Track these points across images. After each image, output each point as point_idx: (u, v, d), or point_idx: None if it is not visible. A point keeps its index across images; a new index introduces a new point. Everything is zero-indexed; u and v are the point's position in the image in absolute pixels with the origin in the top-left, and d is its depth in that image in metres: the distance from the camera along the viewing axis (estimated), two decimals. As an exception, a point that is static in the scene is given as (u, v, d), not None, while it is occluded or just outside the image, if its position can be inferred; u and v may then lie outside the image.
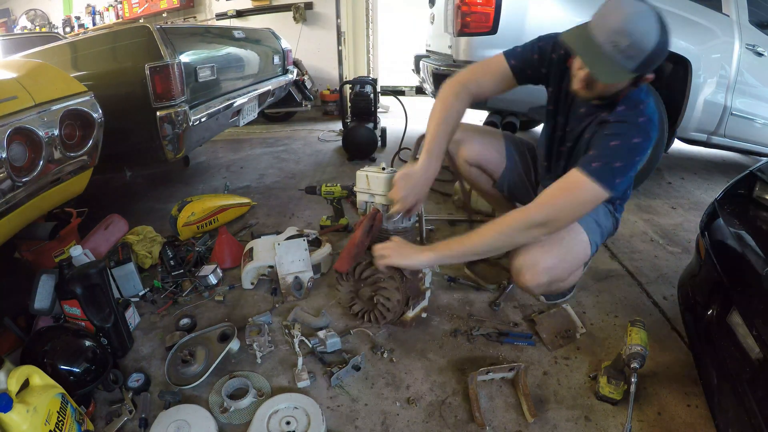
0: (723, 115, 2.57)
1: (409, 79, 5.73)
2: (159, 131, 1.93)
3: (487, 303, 1.57)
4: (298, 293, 1.60)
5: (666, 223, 2.25)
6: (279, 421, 1.07)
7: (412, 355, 1.33)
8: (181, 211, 2.03)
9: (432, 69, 2.59)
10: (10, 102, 1.27)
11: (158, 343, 1.40)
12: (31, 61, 1.61)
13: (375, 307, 1.35)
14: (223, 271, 1.76)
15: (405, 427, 1.10)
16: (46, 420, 0.90)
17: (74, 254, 1.43)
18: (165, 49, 1.86)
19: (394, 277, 1.30)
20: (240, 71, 2.72)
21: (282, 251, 1.61)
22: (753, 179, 1.30)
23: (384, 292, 1.32)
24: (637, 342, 1.10)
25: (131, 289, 1.62)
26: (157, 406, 1.15)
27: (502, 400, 1.17)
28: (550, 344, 1.36)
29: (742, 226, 1.18)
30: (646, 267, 1.82)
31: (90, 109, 1.58)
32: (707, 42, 2.40)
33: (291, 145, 3.93)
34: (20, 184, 1.27)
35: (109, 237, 1.84)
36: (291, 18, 4.98)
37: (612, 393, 1.13)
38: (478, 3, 2.21)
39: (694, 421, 1.10)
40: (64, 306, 1.26)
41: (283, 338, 1.41)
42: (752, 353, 0.95)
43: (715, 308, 1.15)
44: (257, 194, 2.68)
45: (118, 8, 5.64)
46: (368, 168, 1.38)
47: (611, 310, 1.53)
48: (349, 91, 3.83)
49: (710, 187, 2.86)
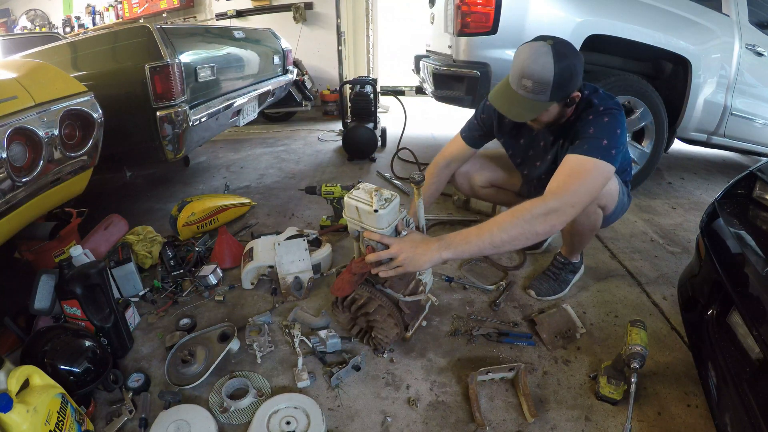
0: (723, 115, 2.58)
1: (409, 79, 5.74)
2: (159, 131, 1.93)
3: (487, 303, 1.58)
4: (298, 293, 1.60)
5: (666, 223, 2.25)
6: (279, 421, 1.07)
7: (412, 355, 1.33)
8: (181, 211, 2.03)
9: (432, 69, 2.59)
10: (10, 102, 1.27)
11: (158, 343, 1.40)
12: (31, 61, 1.61)
13: (374, 338, 1.31)
14: (223, 271, 1.76)
15: (405, 427, 1.10)
16: (46, 420, 0.90)
17: (74, 254, 1.43)
18: (165, 49, 1.86)
19: (392, 315, 1.23)
20: (240, 71, 2.72)
21: (282, 251, 1.61)
22: (753, 179, 1.30)
23: (382, 327, 1.26)
24: (637, 342, 1.10)
25: (131, 289, 1.62)
26: (157, 406, 1.15)
27: (502, 400, 1.17)
28: (550, 344, 1.36)
29: (742, 226, 1.18)
30: (646, 267, 1.82)
31: (90, 109, 1.58)
32: (707, 42, 2.40)
33: (291, 145, 3.93)
34: (20, 184, 1.27)
35: (109, 237, 1.84)
36: (291, 18, 4.98)
37: (612, 393, 1.13)
38: (478, 3, 2.21)
39: (694, 421, 1.10)
40: (64, 306, 1.26)
41: (283, 338, 1.41)
42: (752, 353, 0.95)
43: (715, 308, 1.15)
44: (257, 194, 2.68)
45: (118, 8, 5.64)
46: (358, 194, 1.16)
47: (611, 310, 1.53)
48: (349, 91, 3.83)
49: (710, 187, 2.86)
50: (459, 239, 1.12)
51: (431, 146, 3.78)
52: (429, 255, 1.10)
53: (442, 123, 4.69)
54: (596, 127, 1.19)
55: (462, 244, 1.11)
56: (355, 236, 1.24)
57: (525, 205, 1.12)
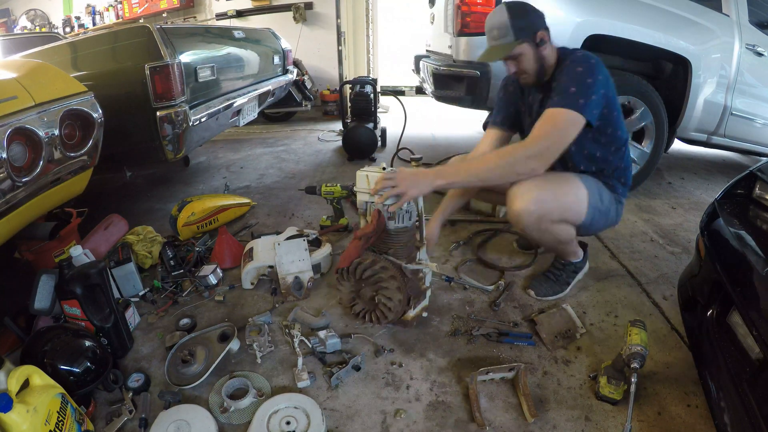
0: (723, 115, 2.57)
1: (409, 79, 5.74)
2: (159, 131, 1.93)
3: (487, 303, 1.58)
4: (298, 293, 1.60)
5: (666, 223, 2.25)
6: (279, 421, 1.07)
7: (412, 355, 1.33)
8: (181, 211, 2.03)
9: (432, 69, 2.59)
10: (10, 102, 1.27)
11: (158, 343, 1.40)
12: (31, 61, 1.61)
13: (376, 307, 1.34)
14: (223, 271, 1.76)
15: (405, 427, 1.10)
16: (46, 420, 0.90)
17: (74, 254, 1.43)
18: (165, 49, 1.86)
19: (395, 277, 1.29)
20: (240, 71, 2.72)
21: (282, 251, 1.61)
22: (753, 179, 1.30)
23: (385, 292, 1.31)
24: (637, 342, 1.10)
25: (131, 289, 1.62)
26: (157, 406, 1.15)
27: (502, 400, 1.17)
28: (550, 344, 1.36)
29: (742, 226, 1.18)
30: (646, 267, 1.82)
31: (90, 109, 1.58)
32: (707, 42, 2.40)
33: (291, 145, 3.93)
34: (20, 184, 1.27)
35: (109, 237, 1.84)
36: (291, 18, 4.98)
37: (612, 393, 1.13)
38: (478, 3, 2.21)
39: (694, 421, 1.10)
40: (64, 306, 1.26)
41: (283, 338, 1.41)
42: (752, 353, 0.95)
43: (715, 308, 1.15)
44: (257, 194, 2.68)
45: (118, 8, 5.64)
46: (368, 168, 1.37)
47: (611, 310, 1.53)
48: (349, 91, 3.83)
49: (710, 187, 2.86)
50: (451, 171, 1.31)
51: (431, 146, 3.78)
52: (427, 180, 1.26)
53: (442, 123, 4.69)
54: (568, 78, 1.31)
55: (453, 174, 1.30)
56: (363, 211, 1.38)
57: (508, 149, 1.33)
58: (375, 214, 1.30)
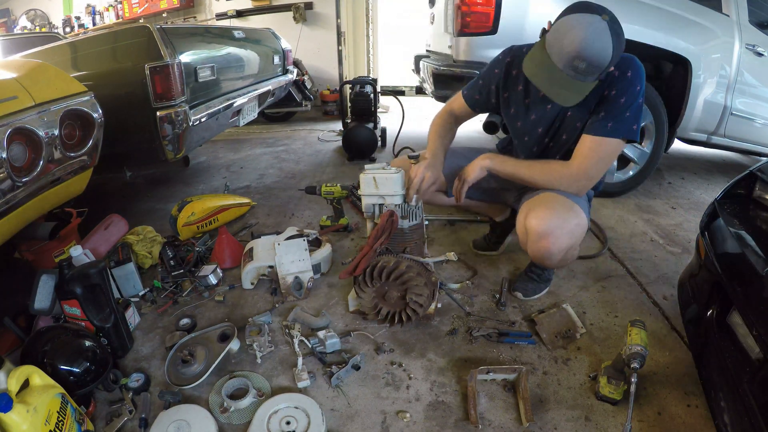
0: (723, 115, 2.57)
1: (409, 79, 5.74)
2: (159, 131, 1.93)
3: (487, 303, 1.57)
4: (298, 293, 1.60)
5: (666, 223, 2.25)
6: (279, 421, 1.07)
7: (412, 355, 1.33)
8: (181, 211, 2.03)
9: (432, 69, 2.59)
10: (10, 102, 1.27)
11: (158, 343, 1.40)
12: (31, 61, 1.61)
13: (407, 306, 1.33)
14: (223, 271, 1.76)
15: (405, 427, 1.10)
16: (46, 420, 0.90)
17: (74, 254, 1.43)
18: (165, 49, 1.86)
19: (422, 273, 1.30)
20: (240, 71, 2.72)
21: (282, 251, 1.61)
22: (753, 179, 1.30)
23: (415, 289, 1.30)
24: (637, 342, 1.10)
25: (131, 289, 1.62)
26: (157, 406, 1.15)
27: (502, 400, 1.17)
28: (550, 344, 1.36)
29: (742, 226, 1.18)
30: (646, 267, 1.82)
31: (90, 109, 1.58)
32: (707, 42, 2.40)
33: (291, 145, 3.93)
34: (20, 184, 1.27)
35: (109, 237, 1.84)
36: (291, 18, 4.98)
37: (612, 393, 1.13)
38: (478, 3, 2.21)
39: (694, 421, 1.10)
40: (64, 306, 1.26)
41: (283, 338, 1.41)
42: (752, 353, 0.95)
43: (715, 308, 1.15)
44: (257, 194, 2.68)
45: (118, 8, 5.64)
46: (372, 168, 1.35)
47: (611, 310, 1.53)
48: (349, 91, 3.83)
49: (710, 187, 2.86)
50: (499, 159, 1.37)
51: (431, 146, 3.77)
52: (477, 164, 1.36)
53: (442, 123, 4.68)
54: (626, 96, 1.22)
55: (500, 164, 1.37)
56: (370, 214, 1.37)
57: (555, 166, 1.33)
58: (386, 215, 1.29)
